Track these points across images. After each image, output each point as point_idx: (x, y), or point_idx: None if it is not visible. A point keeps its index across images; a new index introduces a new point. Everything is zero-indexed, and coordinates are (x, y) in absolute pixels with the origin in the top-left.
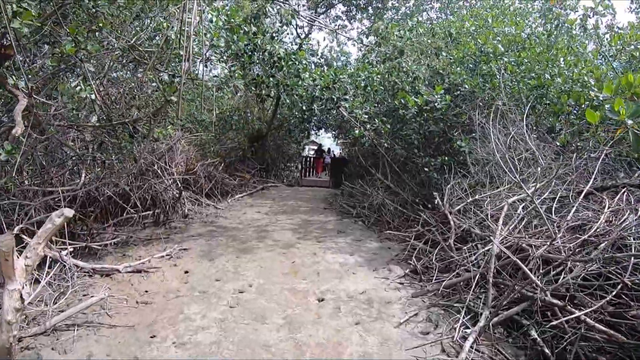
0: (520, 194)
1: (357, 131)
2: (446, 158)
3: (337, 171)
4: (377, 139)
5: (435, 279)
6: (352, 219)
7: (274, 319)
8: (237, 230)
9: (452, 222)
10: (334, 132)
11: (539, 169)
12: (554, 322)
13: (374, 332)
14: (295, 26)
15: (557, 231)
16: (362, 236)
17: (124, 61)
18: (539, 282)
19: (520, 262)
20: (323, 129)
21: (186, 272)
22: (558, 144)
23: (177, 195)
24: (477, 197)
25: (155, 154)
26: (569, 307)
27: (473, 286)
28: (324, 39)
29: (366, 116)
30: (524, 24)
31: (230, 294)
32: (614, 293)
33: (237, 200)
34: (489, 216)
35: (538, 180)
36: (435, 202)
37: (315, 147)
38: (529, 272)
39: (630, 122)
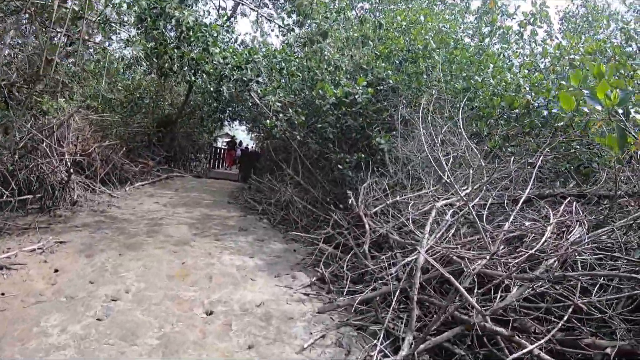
0: (449, 198)
1: (268, 121)
2: (363, 156)
3: (246, 165)
4: (290, 131)
5: (347, 292)
6: (257, 215)
7: (147, 338)
8: (128, 223)
9: (367, 226)
10: (248, 125)
11: (471, 170)
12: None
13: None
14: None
15: (490, 242)
16: (266, 235)
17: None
18: (476, 304)
19: (453, 278)
20: (237, 121)
21: (56, 270)
22: (487, 147)
23: (66, 179)
24: (397, 198)
25: (44, 130)
26: (516, 337)
27: (393, 303)
28: (247, 33)
29: (279, 104)
30: (459, 23)
31: (101, 301)
32: (565, 318)
33: (137, 189)
34: (411, 221)
35: (469, 183)
36: (349, 202)
37: (227, 140)
38: (464, 291)
39: (620, 110)
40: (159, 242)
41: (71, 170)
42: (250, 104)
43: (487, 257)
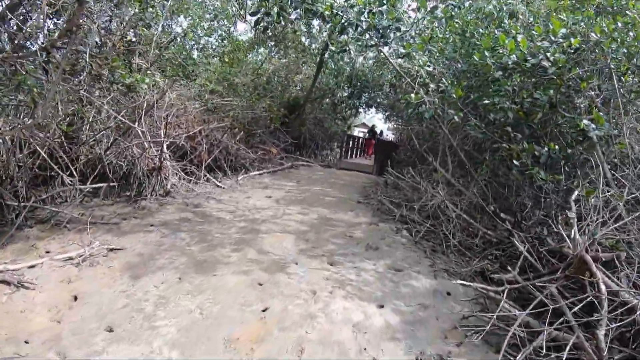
0: None
1: (413, 95)
2: (558, 147)
3: (383, 155)
4: (443, 110)
5: None
6: (394, 224)
7: None
8: (218, 224)
9: (601, 285)
10: (385, 113)
11: None
12: None
13: None
14: None
15: None
16: (406, 261)
17: None
18: None
19: None
20: (374, 108)
21: (75, 298)
22: None
23: (157, 165)
24: None
25: (135, 108)
26: None
27: None
28: None
29: (430, 67)
30: None
31: None
32: None
33: (252, 179)
34: None
35: None
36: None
37: (366, 130)
38: None
39: None
40: (244, 263)
41: (165, 155)
42: (388, 90)
43: None
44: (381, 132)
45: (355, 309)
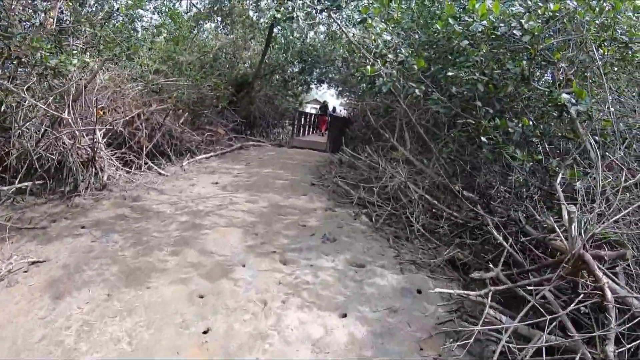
0: None
1: (369, 67)
2: (531, 123)
3: (336, 132)
4: (403, 83)
5: None
6: (352, 208)
7: None
8: (157, 219)
9: (606, 291)
10: (337, 89)
11: None
12: None
13: None
14: None
15: None
16: (368, 253)
17: None
18: None
19: None
20: (326, 84)
21: None
22: None
23: (91, 155)
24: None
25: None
26: None
27: None
28: None
29: (388, 36)
30: None
31: None
32: None
33: (198, 163)
34: None
35: None
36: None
37: (316, 106)
38: None
39: None
40: (183, 269)
41: (100, 144)
42: (340, 65)
43: None
44: (334, 108)
45: (313, 321)
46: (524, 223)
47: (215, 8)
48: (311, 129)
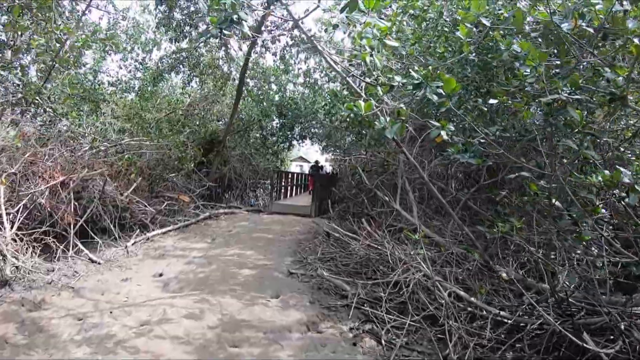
0: None
1: (361, 102)
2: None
3: (322, 193)
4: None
5: None
6: (347, 320)
7: None
8: (44, 352)
9: None
10: (321, 144)
11: None
12: None
13: None
14: None
15: None
16: None
17: None
18: None
19: None
20: (308, 139)
21: None
22: None
23: None
24: None
25: None
26: None
27: None
28: None
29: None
30: None
31: None
32: None
33: (149, 242)
34: None
35: None
36: None
37: (302, 164)
38: None
39: None
40: None
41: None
42: (322, 118)
43: None
44: (322, 166)
45: None
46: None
47: (181, 58)
48: (297, 190)
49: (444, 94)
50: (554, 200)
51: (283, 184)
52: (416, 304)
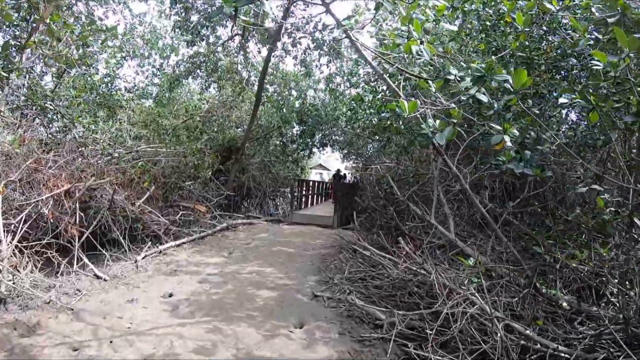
0: None
1: (405, 102)
2: None
3: (344, 202)
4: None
5: None
6: (386, 358)
7: None
8: None
9: None
10: (342, 151)
11: None
12: None
13: None
14: None
15: None
16: None
17: None
18: None
19: None
20: (329, 147)
21: None
22: None
23: None
24: None
25: None
26: None
27: None
28: None
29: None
30: None
31: None
32: None
33: (162, 255)
34: None
35: None
36: None
37: (321, 172)
38: None
39: None
40: None
41: None
42: (343, 125)
43: None
44: (344, 175)
45: None
46: None
47: (198, 62)
48: (318, 199)
49: (512, 89)
50: (636, 220)
51: (303, 192)
52: (464, 338)
